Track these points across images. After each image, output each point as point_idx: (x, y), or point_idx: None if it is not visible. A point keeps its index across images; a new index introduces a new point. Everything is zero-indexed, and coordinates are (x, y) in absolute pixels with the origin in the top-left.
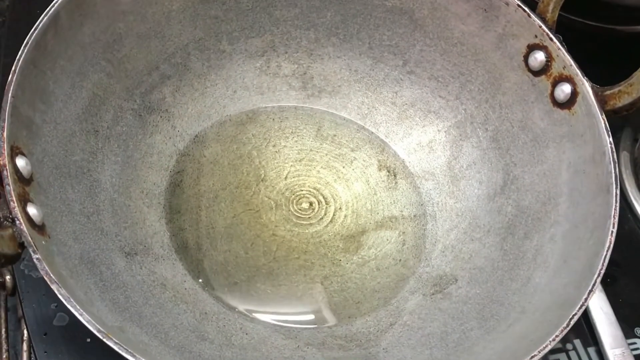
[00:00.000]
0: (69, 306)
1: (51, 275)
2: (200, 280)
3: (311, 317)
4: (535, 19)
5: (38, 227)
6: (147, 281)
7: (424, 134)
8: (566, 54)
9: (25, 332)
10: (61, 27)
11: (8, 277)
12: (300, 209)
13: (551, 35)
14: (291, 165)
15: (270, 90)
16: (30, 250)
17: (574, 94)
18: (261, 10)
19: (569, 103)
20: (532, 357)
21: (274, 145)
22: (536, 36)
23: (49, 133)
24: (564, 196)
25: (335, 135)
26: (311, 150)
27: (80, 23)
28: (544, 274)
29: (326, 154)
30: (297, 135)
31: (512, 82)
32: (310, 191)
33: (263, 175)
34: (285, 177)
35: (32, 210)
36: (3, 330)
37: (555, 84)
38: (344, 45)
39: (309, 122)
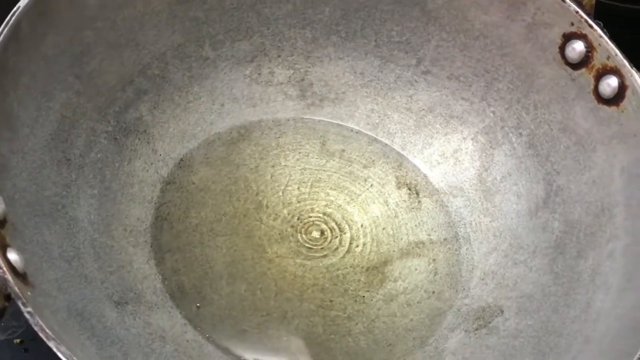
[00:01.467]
0: None
1: (47, 331)
2: (202, 331)
3: None
4: (571, 3)
5: (21, 276)
6: (144, 334)
7: (447, 143)
8: (609, 42)
9: None
10: (22, 39)
11: None
12: (310, 239)
13: (590, 22)
14: (295, 188)
15: (263, 102)
16: (20, 303)
17: (622, 88)
18: (248, 9)
19: (617, 98)
20: None
21: (272, 166)
22: (572, 24)
23: (17, 165)
24: (619, 206)
25: (343, 150)
26: (317, 169)
27: (43, 33)
28: (606, 296)
29: (335, 173)
30: (299, 153)
31: (547, 77)
32: (320, 217)
33: (263, 202)
34: (290, 203)
35: (12, 256)
36: None
37: (599, 78)
38: (346, 45)
39: (311, 137)
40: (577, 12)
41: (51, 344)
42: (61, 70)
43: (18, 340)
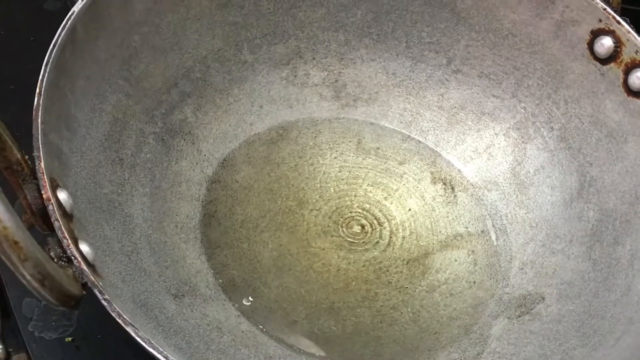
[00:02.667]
0: (150, 349)
1: (124, 317)
2: (256, 322)
3: (386, 353)
4: (599, 1)
5: (92, 267)
6: (202, 325)
7: (480, 139)
8: (638, 37)
9: None
10: (78, 42)
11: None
12: (351, 233)
13: (618, 18)
14: (334, 185)
15: (299, 103)
16: (96, 291)
17: None
18: (283, 13)
19: None
20: None
21: (311, 164)
22: (600, 20)
23: (77, 164)
24: None
25: (378, 148)
26: (354, 166)
27: (96, 37)
28: None
29: (371, 170)
30: (336, 151)
31: (577, 73)
32: (359, 212)
33: (304, 199)
34: (329, 199)
35: (84, 247)
36: None
37: (628, 72)
38: (378, 46)
39: (347, 135)
40: (604, 9)
41: (129, 329)
42: (112, 74)
43: (69, 339)
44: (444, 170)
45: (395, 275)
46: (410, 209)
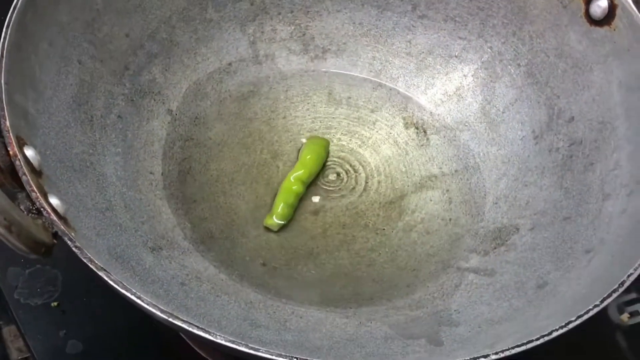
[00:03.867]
0: (123, 291)
1: (96, 262)
2: (235, 270)
3: (365, 293)
4: None
5: (63, 220)
6: (181, 275)
7: (449, 81)
8: None
9: None
10: (39, 5)
11: None
12: (328, 182)
13: None
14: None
15: (268, 58)
16: (67, 239)
17: (612, 7)
18: None
19: (608, 18)
20: (629, 276)
21: (284, 117)
22: None
23: (45, 124)
24: (620, 118)
25: (349, 97)
26: (326, 116)
27: (57, 1)
28: (616, 201)
29: (344, 119)
30: (308, 103)
31: (540, 8)
32: (334, 161)
33: (279, 151)
34: None
35: (54, 200)
36: None
37: (588, 1)
38: None
39: (317, 87)
40: None
41: (102, 274)
42: (76, 37)
43: (55, 304)
44: (416, 115)
45: (372, 218)
46: (384, 155)
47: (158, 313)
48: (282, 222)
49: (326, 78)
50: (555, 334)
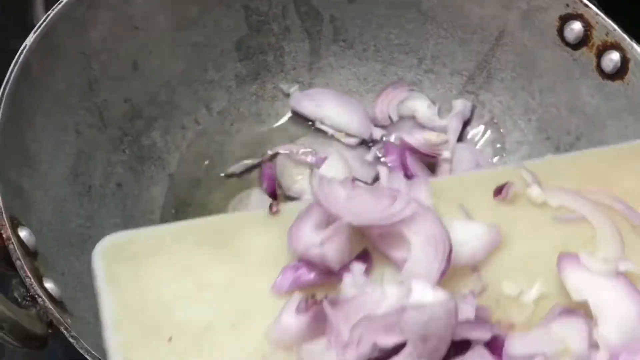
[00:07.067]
0: None
1: (94, 353)
2: None
3: None
4: None
5: (59, 304)
6: None
7: None
8: (606, 18)
9: None
10: (33, 76)
11: None
12: None
13: (585, 1)
14: None
15: (271, 117)
16: (62, 328)
17: (625, 61)
18: (246, 29)
19: (621, 72)
20: None
21: None
22: (567, 5)
23: (40, 200)
24: None
25: None
26: None
27: (52, 68)
28: None
29: None
30: None
31: (549, 61)
32: None
33: None
34: None
35: (49, 285)
36: None
37: (600, 55)
38: (346, 52)
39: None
40: None
41: None
42: (73, 105)
43: None
44: None
45: None
46: None
47: None
48: None
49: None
50: None
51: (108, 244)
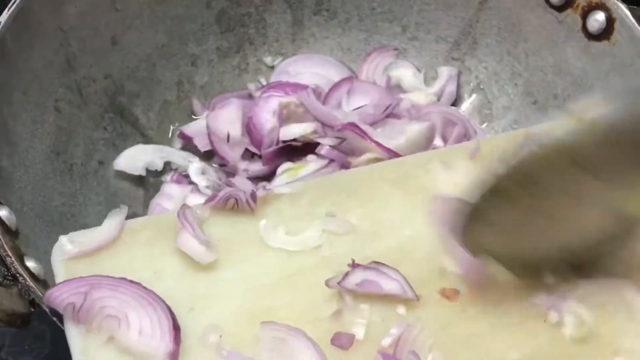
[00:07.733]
0: None
1: None
2: None
3: None
4: None
5: (42, 282)
6: None
7: None
8: None
9: None
10: (9, 54)
11: None
12: None
13: None
14: None
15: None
16: (44, 306)
17: (610, 21)
18: (226, 1)
19: (607, 32)
20: None
21: None
22: None
23: (21, 178)
24: None
25: None
26: None
27: (29, 45)
28: None
29: None
30: None
31: (534, 24)
32: None
33: None
34: None
35: (31, 263)
36: None
37: (585, 16)
38: (329, 23)
39: None
40: None
41: None
42: (51, 82)
43: None
44: None
45: None
46: None
47: None
48: None
49: None
50: None
51: (65, 242)
